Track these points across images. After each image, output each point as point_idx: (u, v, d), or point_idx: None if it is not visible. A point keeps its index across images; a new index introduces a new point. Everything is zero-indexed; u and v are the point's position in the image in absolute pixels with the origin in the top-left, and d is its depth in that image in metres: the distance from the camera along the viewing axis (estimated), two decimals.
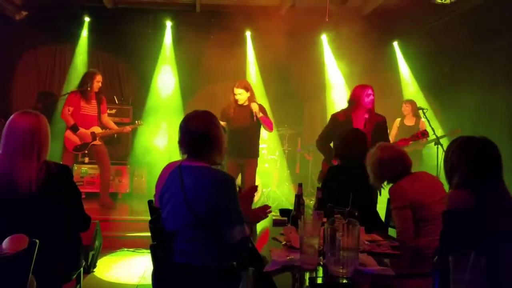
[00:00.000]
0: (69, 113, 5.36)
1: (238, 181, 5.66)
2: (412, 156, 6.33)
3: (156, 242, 2.16)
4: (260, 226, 2.82)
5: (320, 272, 1.87)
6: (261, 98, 7.19)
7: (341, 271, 1.77)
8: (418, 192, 2.62)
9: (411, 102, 6.30)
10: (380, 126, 4.13)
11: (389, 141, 4.21)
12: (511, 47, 5.51)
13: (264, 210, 2.50)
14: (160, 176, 2.83)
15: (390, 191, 2.74)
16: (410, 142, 4.32)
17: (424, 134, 4.32)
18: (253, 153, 4.99)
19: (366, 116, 4.16)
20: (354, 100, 4.19)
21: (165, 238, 2.06)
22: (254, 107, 4.80)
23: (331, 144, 4.08)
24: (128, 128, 5.87)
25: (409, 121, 6.21)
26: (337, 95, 7.21)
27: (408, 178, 2.70)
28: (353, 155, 3.20)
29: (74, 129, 5.35)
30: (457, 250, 1.67)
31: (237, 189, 2.42)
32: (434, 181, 2.79)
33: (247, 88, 4.89)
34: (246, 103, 4.87)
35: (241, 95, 4.82)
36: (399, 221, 2.63)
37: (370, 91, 4.15)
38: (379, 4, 6.42)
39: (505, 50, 5.60)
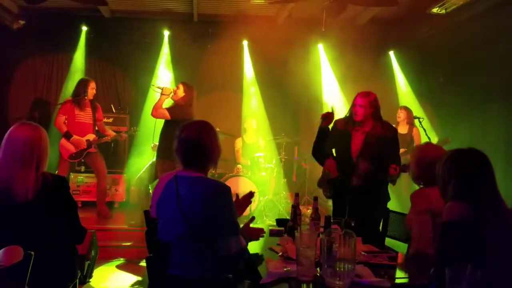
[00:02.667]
0: (65, 121, 5.36)
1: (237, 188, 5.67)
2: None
3: (151, 253, 2.15)
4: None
5: (317, 284, 1.87)
6: (258, 107, 7.23)
7: (337, 283, 1.77)
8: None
9: (406, 109, 6.19)
10: (386, 141, 3.49)
11: (398, 156, 3.60)
12: (506, 57, 5.55)
13: (258, 233, 2.41)
14: (156, 187, 2.83)
15: (412, 196, 2.53)
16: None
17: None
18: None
19: (367, 129, 3.55)
20: (350, 109, 3.68)
21: (160, 250, 2.06)
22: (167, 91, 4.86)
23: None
24: (123, 135, 5.86)
25: (402, 129, 6.06)
26: (334, 104, 7.21)
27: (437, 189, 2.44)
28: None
29: (67, 136, 5.35)
30: (454, 262, 1.67)
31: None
32: None
33: (185, 88, 4.92)
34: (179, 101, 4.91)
35: (178, 90, 4.90)
36: (417, 226, 2.41)
37: (356, 102, 3.55)
38: (374, 14, 6.48)
39: (501, 59, 5.64)
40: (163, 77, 7.10)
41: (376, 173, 3.40)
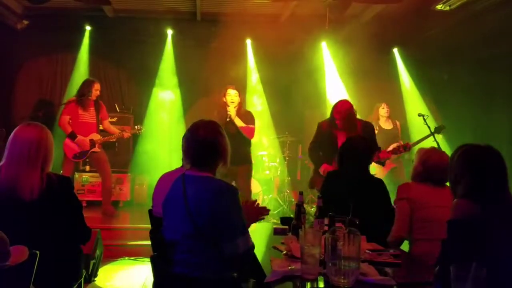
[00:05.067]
0: (69, 121, 5.38)
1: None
2: (397, 160, 6.19)
3: (156, 252, 2.16)
4: (261, 234, 2.83)
5: (321, 283, 1.86)
6: (262, 105, 7.22)
7: (342, 281, 1.77)
8: (424, 193, 2.65)
9: (388, 104, 6.13)
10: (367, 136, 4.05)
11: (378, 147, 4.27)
12: (511, 54, 5.52)
13: (258, 214, 2.39)
14: (156, 187, 2.83)
15: (398, 187, 2.80)
16: (392, 156, 4.42)
17: (407, 147, 4.44)
18: (243, 159, 4.86)
19: (345, 132, 4.11)
20: (332, 116, 4.31)
21: (165, 248, 2.06)
22: (231, 111, 4.70)
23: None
24: (127, 134, 5.83)
25: (387, 125, 6.03)
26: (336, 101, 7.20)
27: (423, 185, 2.72)
28: (351, 162, 3.18)
29: (72, 136, 5.36)
30: (459, 260, 1.66)
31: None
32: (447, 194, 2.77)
33: (239, 91, 4.85)
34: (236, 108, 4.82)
35: (236, 97, 4.74)
36: (396, 213, 2.71)
37: (336, 116, 4.21)
38: (378, 11, 6.44)
39: (506, 57, 5.61)
40: (166, 76, 7.12)
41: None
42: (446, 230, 1.84)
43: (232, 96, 4.70)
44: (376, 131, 5.94)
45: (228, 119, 4.67)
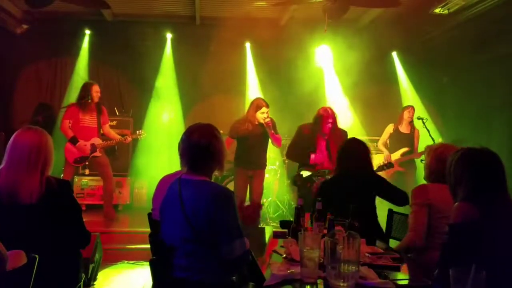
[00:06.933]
0: (69, 126, 5.37)
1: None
2: (407, 165, 6.15)
3: (156, 256, 2.16)
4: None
5: (321, 286, 1.86)
6: None
7: (341, 285, 1.76)
8: (444, 200, 2.42)
9: (414, 109, 6.08)
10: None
11: None
12: (509, 57, 5.53)
13: (254, 211, 2.49)
14: (156, 190, 2.83)
15: (413, 190, 2.66)
16: None
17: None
18: (261, 164, 5.12)
19: (326, 137, 4.60)
20: (317, 121, 4.62)
21: (164, 252, 2.06)
22: (267, 119, 4.86)
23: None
24: (129, 139, 5.81)
25: (405, 129, 6.01)
26: (336, 105, 7.20)
27: (440, 185, 2.50)
28: (350, 165, 3.18)
29: (73, 141, 5.35)
30: (459, 263, 1.66)
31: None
32: None
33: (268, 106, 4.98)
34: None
35: (268, 113, 4.89)
36: (413, 218, 2.55)
37: (330, 120, 4.54)
38: (377, 15, 6.46)
39: (504, 59, 5.62)
40: (166, 80, 7.13)
41: None
42: (448, 233, 1.84)
43: (265, 114, 4.89)
44: (392, 131, 6.04)
45: (260, 125, 4.88)
